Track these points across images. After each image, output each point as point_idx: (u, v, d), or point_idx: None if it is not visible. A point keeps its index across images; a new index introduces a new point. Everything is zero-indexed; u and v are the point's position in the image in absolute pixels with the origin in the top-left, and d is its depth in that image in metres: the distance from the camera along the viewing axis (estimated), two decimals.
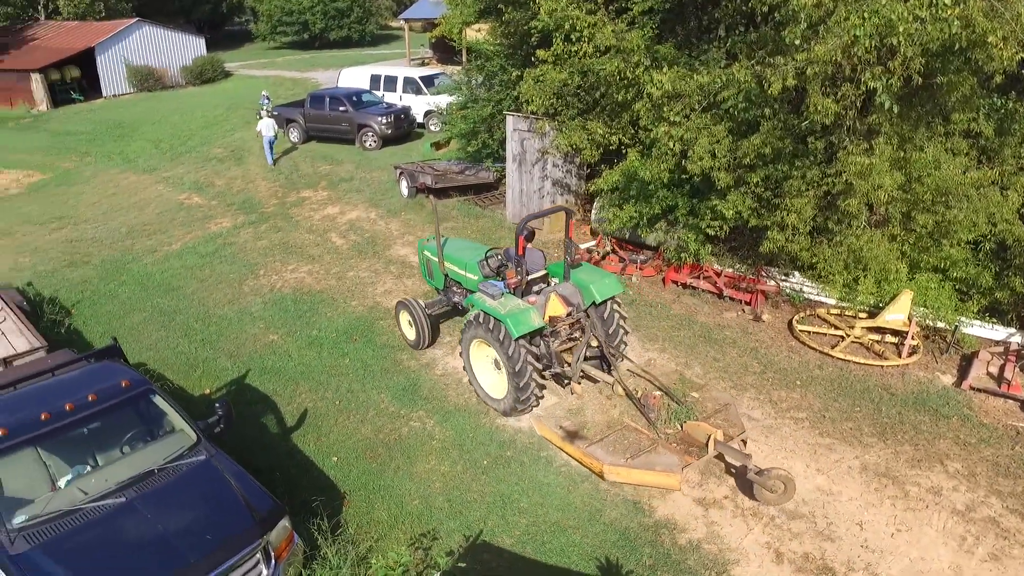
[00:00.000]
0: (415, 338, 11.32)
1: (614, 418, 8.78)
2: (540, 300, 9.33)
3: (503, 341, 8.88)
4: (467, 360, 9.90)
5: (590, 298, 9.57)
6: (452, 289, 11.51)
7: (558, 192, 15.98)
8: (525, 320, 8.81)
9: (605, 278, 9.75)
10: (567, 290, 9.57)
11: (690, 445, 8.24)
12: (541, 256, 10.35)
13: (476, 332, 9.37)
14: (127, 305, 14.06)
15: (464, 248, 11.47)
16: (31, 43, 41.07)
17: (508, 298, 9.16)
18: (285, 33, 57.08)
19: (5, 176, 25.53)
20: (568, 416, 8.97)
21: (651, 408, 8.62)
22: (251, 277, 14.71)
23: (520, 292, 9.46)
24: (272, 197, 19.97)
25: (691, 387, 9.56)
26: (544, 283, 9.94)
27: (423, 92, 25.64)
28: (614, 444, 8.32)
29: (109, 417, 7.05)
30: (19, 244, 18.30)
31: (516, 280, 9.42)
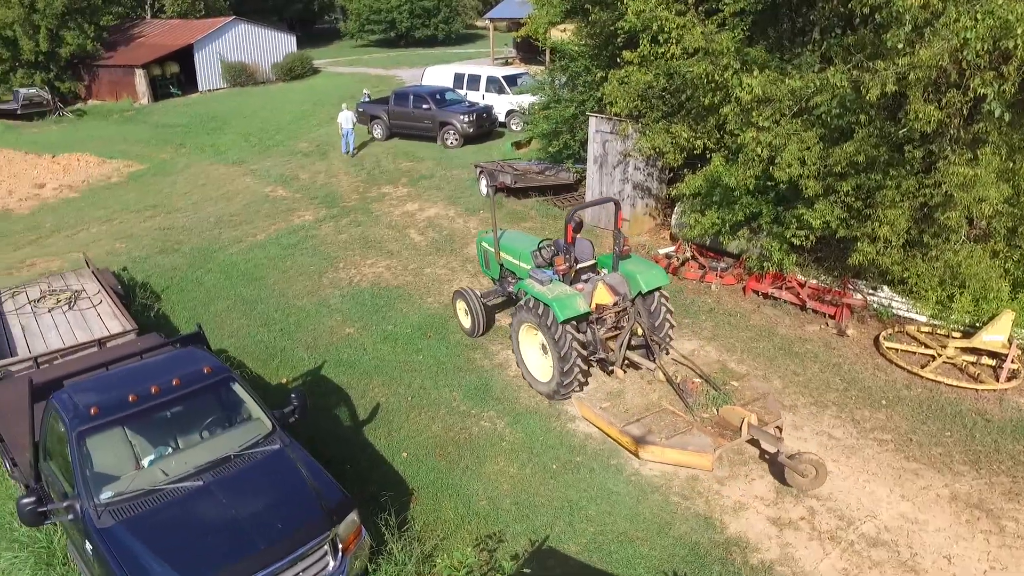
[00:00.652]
0: (470, 326, 11.69)
1: (653, 401, 8.96)
2: (587, 288, 9.63)
3: (550, 325, 9.23)
4: (516, 344, 10.29)
5: (637, 288, 9.82)
6: (507, 279, 11.85)
7: (638, 195, 15.73)
8: (571, 305, 9.13)
9: (652, 269, 10.05)
10: (614, 280, 9.83)
11: (724, 428, 8.37)
12: (590, 246, 10.63)
13: (525, 316, 9.78)
14: (212, 293, 14.54)
15: (519, 240, 11.81)
16: (137, 40, 43.16)
17: (556, 284, 9.52)
18: (372, 31, 58.32)
19: (108, 166, 26.87)
20: (608, 398, 9.13)
21: (689, 393, 8.82)
22: (330, 270, 15.01)
23: (569, 280, 9.79)
24: (353, 192, 20.35)
25: (732, 376, 9.57)
26: (593, 272, 10.21)
27: (506, 91, 25.72)
28: (650, 425, 8.50)
29: (191, 401, 7.26)
30: (117, 230, 19.19)
31: (565, 267, 9.75)
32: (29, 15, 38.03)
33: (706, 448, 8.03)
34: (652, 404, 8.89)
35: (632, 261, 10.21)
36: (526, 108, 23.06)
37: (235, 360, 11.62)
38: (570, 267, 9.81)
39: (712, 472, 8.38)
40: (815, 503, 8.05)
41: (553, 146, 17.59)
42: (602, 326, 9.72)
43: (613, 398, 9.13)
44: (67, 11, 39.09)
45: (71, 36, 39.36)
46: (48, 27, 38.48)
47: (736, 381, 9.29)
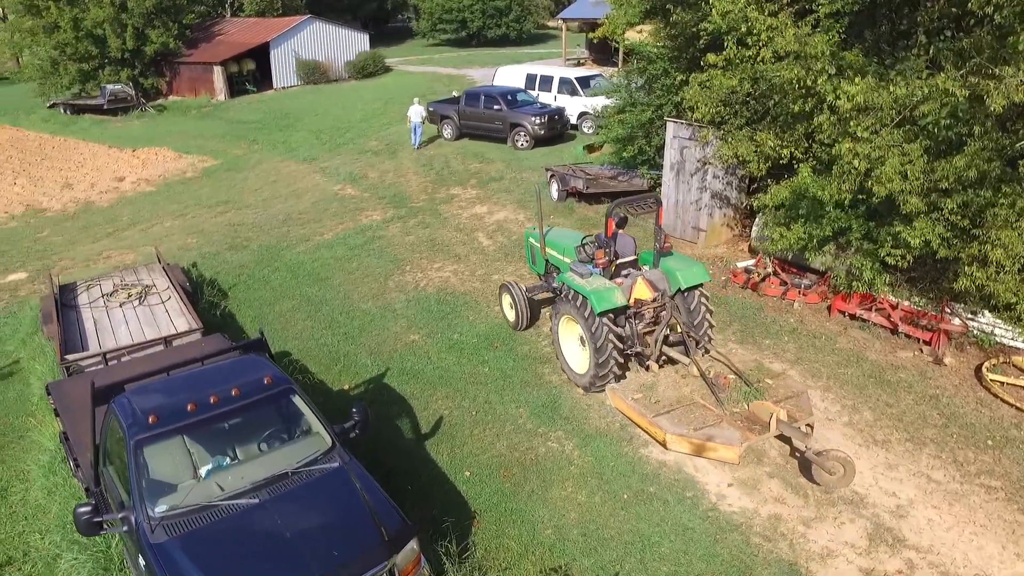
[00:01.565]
0: (514, 319, 11.88)
1: (684, 394, 8.90)
2: (627, 282, 9.78)
3: (587, 317, 9.41)
4: (556, 335, 10.47)
5: (676, 284, 9.84)
6: (552, 274, 11.94)
7: (716, 205, 15.01)
8: (608, 298, 9.27)
9: (693, 267, 10.04)
10: (654, 276, 9.93)
11: (754, 423, 8.32)
12: (632, 242, 10.77)
13: (565, 308, 9.98)
14: (278, 292, 14.46)
15: (565, 236, 11.97)
16: (217, 38, 44.19)
17: (596, 277, 9.67)
18: (444, 30, 58.51)
19: (184, 160, 27.40)
20: (641, 390, 9.05)
21: (721, 388, 8.77)
22: (396, 273, 14.76)
23: (609, 274, 9.96)
24: (422, 192, 20.14)
25: (767, 374, 9.30)
26: (634, 268, 10.37)
27: (578, 93, 25.18)
28: (680, 417, 8.48)
29: (249, 413, 7.00)
30: (189, 225, 19.41)
31: (604, 261, 9.90)
32: (118, 14, 39.30)
33: (733, 441, 8.00)
34: (684, 397, 8.85)
35: (673, 258, 10.28)
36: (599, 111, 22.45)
37: (298, 364, 11.43)
38: (610, 261, 9.98)
39: (738, 465, 8.39)
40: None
41: (628, 151, 16.98)
42: (640, 321, 9.79)
43: (645, 390, 9.05)
44: (154, 10, 40.27)
45: (156, 34, 40.52)
46: (135, 26, 39.71)
47: (771, 379, 9.14)
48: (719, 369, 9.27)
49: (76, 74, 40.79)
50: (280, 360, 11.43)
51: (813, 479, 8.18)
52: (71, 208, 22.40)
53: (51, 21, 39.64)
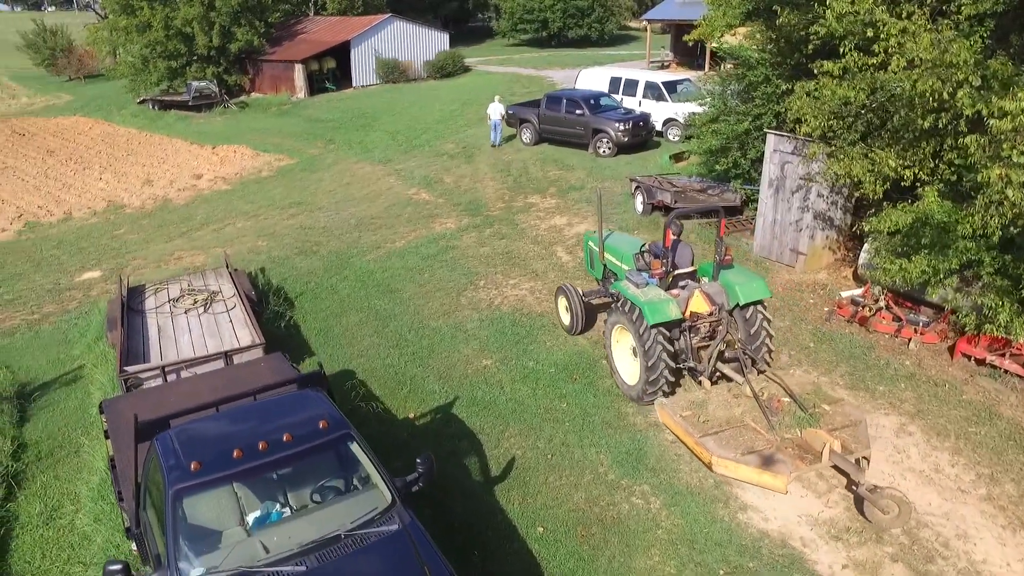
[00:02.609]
0: (570, 322, 11.69)
1: (735, 416, 8.58)
2: (683, 295, 9.50)
3: (639, 328, 9.13)
4: (608, 344, 10.22)
5: (735, 299, 9.48)
6: (610, 280, 11.70)
7: (819, 226, 13.63)
8: (662, 309, 9.00)
9: (753, 281, 9.65)
10: (712, 289, 9.60)
11: (806, 452, 7.96)
12: (690, 252, 10.50)
13: (618, 318, 9.72)
14: (345, 303, 13.82)
15: (624, 242, 11.68)
16: (299, 36, 44.51)
17: (651, 288, 9.39)
18: (525, 30, 57.73)
19: (260, 159, 27.34)
20: (690, 407, 8.80)
21: (774, 412, 8.45)
22: (470, 288, 13.92)
23: (665, 285, 9.67)
24: (499, 200, 19.30)
25: (824, 399, 8.87)
26: (692, 280, 10.09)
27: (665, 98, 23.91)
28: (728, 439, 8.19)
29: (302, 462, 6.22)
30: (260, 227, 19.08)
31: (661, 272, 9.65)
32: (207, 13, 39.96)
33: (782, 469, 7.67)
34: (734, 418, 8.54)
35: (733, 271, 9.90)
36: (687, 118, 21.20)
37: (361, 387, 10.70)
38: (667, 272, 9.72)
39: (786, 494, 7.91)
40: None
41: (721, 164, 15.70)
42: (695, 335, 9.50)
43: (695, 407, 8.79)
44: (240, 8, 40.80)
45: (241, 32, 41.05)
46: (222, 24, 40.29)
47: (828, 405, 8.72)
48: (773, 391, 8.90)
49: (164, 71, 41.69)
50: (343, 382, 10.74)
51: (865, 516, 7.68)
52: (149, 205, 22.46)
53: (144, 20, 40.64)
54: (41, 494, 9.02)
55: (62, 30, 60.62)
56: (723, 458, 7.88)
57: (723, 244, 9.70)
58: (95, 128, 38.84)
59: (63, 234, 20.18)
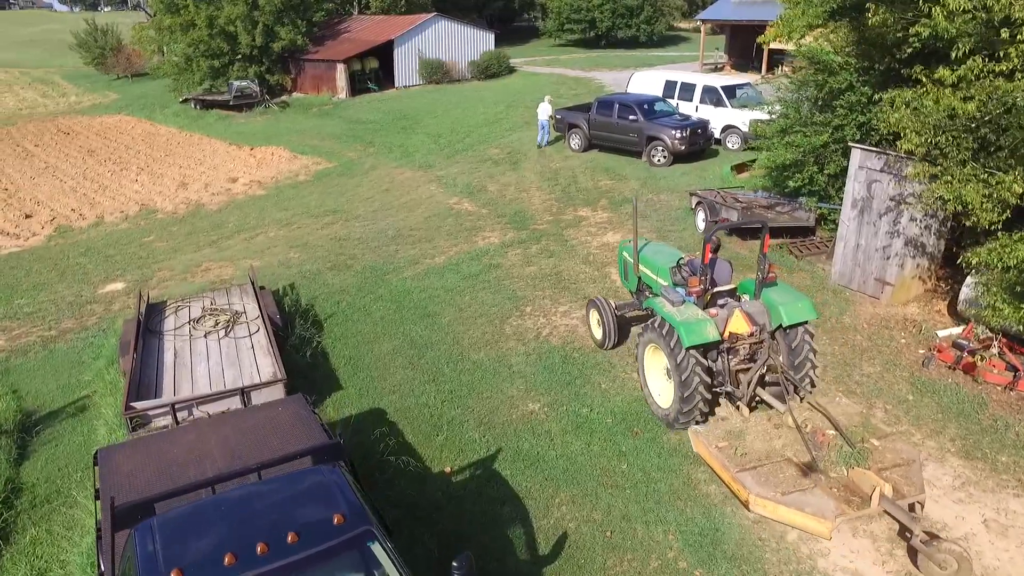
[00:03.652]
0: (602, 337, 11.14)
1: (775, 448, 8.00)
2: (722, 314, 8.89)
3: (674, 348, 8.59)
4: (641, 364, 9.65)
5: (778, 320, 8.84)
6: (644, 293, 11.16)
7: (910, 254, 12.03)
8: (699, 331, 8.41)
9: (798, 301, 8.90)
10: (754, 308, 8.99)
11: (853, 494, 7.35)
12: (729, 268, 9.89)
13: (651, 336, 9.17)
14: (379, 327, 12.63)
15: (661, 253, 11.04)
16: (342, 35, 43.72)
17: (688, 306, 8.80)
18: (572, 30, 56.25)
19: (298, 162, 26.42)
20: (727, 437, 8.24)
21: (818, 446, 7.90)
22: (515, 314, 12.61)
23: (703, 303, 9.04)
24: (546, 212, 17.96)
25: (873, 433, 8.12)
26: (732, 298, 9.42)
27: (724, 104, 22.30)
28: (768, 475, 7.61)
29: (309, 570, 4.96)
30: (293, 237, 18.03)
31: (699, 289, 9.02)
32: (251, 12, 39.39)
33: (827, 513, 7.08)
34: (774, 452, 7.96)
35: (776, 290, 9.13)
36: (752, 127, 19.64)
37: (391, 435, 9.44)
38: (705, 289, 9.06)
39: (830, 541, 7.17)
40: None
41: (794, 180, 14.10)
42: (734, 357, 8.83)
43: (732, 438, 8.21)
44: (283, 7, 40.16)
45: (284, 31, 40.38)
46: (265, 22, 39.67)
47: (877, 440, 8.03)
48: (817, 422, 8.29)
49: (207, 70, 41.23)
50: (372, 427, 9.52)
51: (920, 570, 6.97)
52: (181, 210, 21.62)
53: (188, 19, 40.25)
54: (29, 552, 7.97)
55: (112, 29, 60.95)
56: (762, 497, 7.29)
57: (766, 261, 9.00)
58: (137, 127, 38.53)
59: (92, 240, 19.40)
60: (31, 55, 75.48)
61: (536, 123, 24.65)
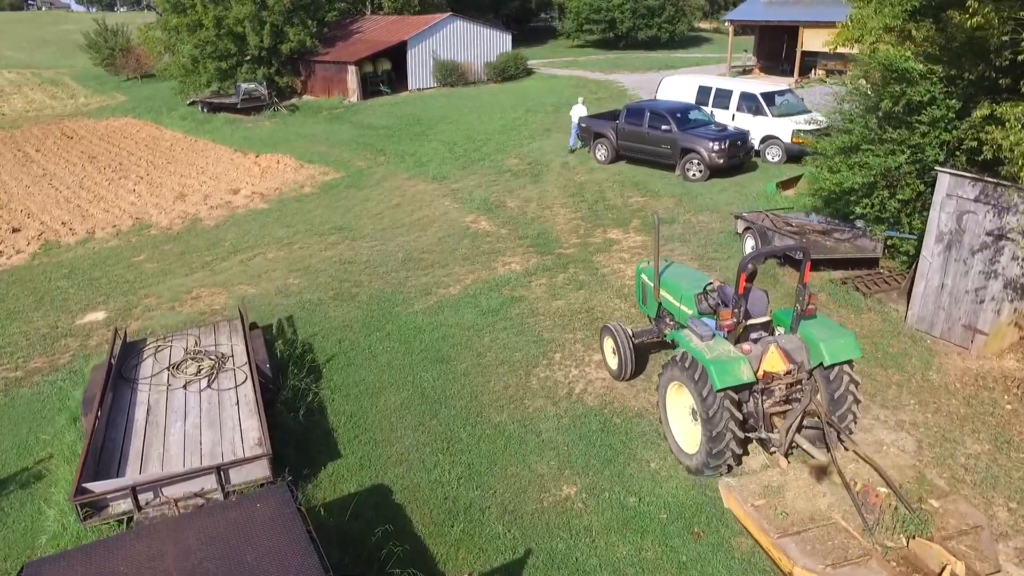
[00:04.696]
0: (617, 367, 10.10)
1: (820, 509, 7.11)
2: (756, 350, 7.96)
3: (702, 390, 7.69)
4: (662, 403, 8.78)
5: (818, 358, 7.95)
6: (664, 319, 10.26)
7: (1008, 297, 10.22)
8: (732, 371, 7.54)
9: (840, 337, 8.03)
10: (791, 344, 8.13)
11: (915, 570, 6.39)
12: (764, 298, 8.78)
13: (675, 374, 8.29)
14: (385, 374, 10.98)
15: (684, 276, 10.03)
16: (354, 36, 42.15)
17: (718, 342, 7.95)
18: (591, 31, 54.54)
19: (304, 172, 24.84)
20: (765, 493, 7.33)
21: (870, 508, 6.95)
22: (542, 362, 10.92)
23: (735, 338, 8.11)
24: (572, 233, 16.25)
25: (931, 492, 7.17)
26: (765, 331, 8.44)
27: (763, 112, 20.48)
28: (814, 542, 6.71)
29: None
30: (294, 259, 16.42)
31: (731, 323, 8.02)
32: (259, 11, 37.91)
33: None
34: (819, 513, 7.05)
35: (816, 323, 8.24)
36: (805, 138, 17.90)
37: (397, 519, 7.78)
38: (738, 323, 8.06)
39: None
40: None
41: (862, 207, 12.30)
42: (768, 398, 7.98)
43: (770, 494, 7.31)
44: (293, 7, 38.68)
45: (293, 32, 38.85)
46: (274, 23, 38.18)
47: (936, 500, 7.09)
48: (866, 476, 7.30)
49: (214, 72, 39.78)
50: (374, 519, 7.84)
51: None
52: (177, 226, 20.07)
53: (195, 19, 38.85)
54: None
55: (122, 30, 59.87)
56: (809, 570, 6.38)
57: (806, 291, 7.99)
58: (142, 131, 37.21)
59: (78, 260, 17.87)
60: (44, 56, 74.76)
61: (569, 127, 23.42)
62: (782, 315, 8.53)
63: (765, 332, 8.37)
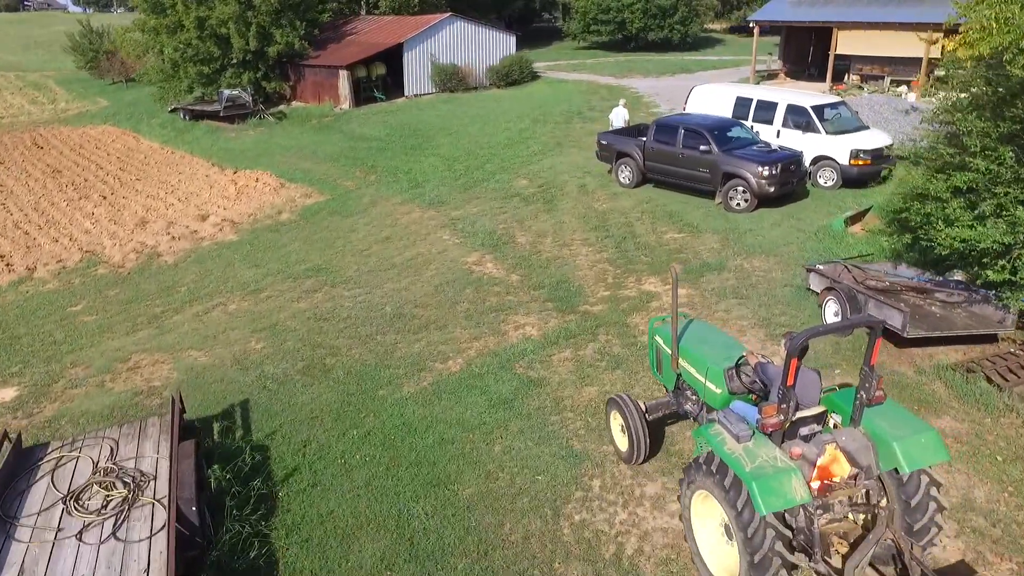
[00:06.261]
0: (627, 449, 8.25)
1: None
2: (810, 453, 6.00)
3: (742, 512, 5.81)
4: (687, 514, 6.72)
5: (890, 463, 5.99)
6: (684, 392, 8.28)
7: None
8: (781, 489, 5.62)
9: (921, 434, 6.01)
10: (855, 442, 6.14)
11: None
12: (817, 381, 6.56)
13: (703, 482, 6.30)
14: (362, 502, 8.06)
15: (711, 343, 7.99)
16: (347, 38, 39.23)
17: (760, 443, 6.00)
18: (598, 32, 51.51)
19: (284, 193, 21.95)
20: None
21: None
22: (576, 495, 7.96)
23: (780, 436, 6.08)
24: (598, 281, 13.33)
25: None
26: (818, 424, 6.34)
27: (816, 129, 17.53)
28: None
29: None
30: (260, 312, 13.50)
31: (776, 422, 5.95)
32: (244, 12, 34.97)
33: None
34: None
35: (885, 413, 6.23)
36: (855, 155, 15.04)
37: None
38: (786, 420, 6.00)
39: None
40: None
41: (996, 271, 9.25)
42: (826, 512, 5.96)
43: None
44: (281, 7, 35.76)
45: (280, 34, 35.90)
46: (260, 24, 35.24)
47: None
48: None
49: (196, 77, 36.88)
50: None
51: None
52: (130, 262, 17.18)
53: (175, 20, 35.95)
54: None
55: (107, 31, 57.01)
56: None
57: (874, 375, 6.08)
58: (118, 141, 34.48)
59: (4, 309, 15.00)
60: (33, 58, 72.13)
61: None
62: (838, 400, 6.60)
63: (818, 425, 6.40)
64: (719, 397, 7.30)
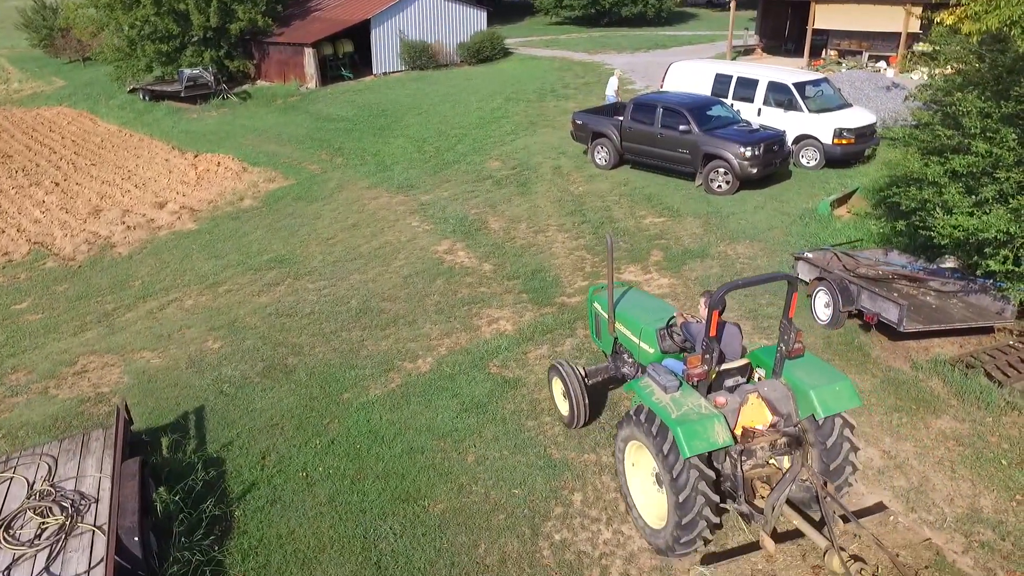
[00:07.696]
0: (568, 414, 8.40)
1: None
2: (732, 402, 6.37)
3: (668, 456, 6.15)
4: (620, 466, 7.11)
5: (808, 409, 6.40)
6: (621, 355, 8.57)
7: None
8: (704, 433, 6.00)
9: (835, 382, 6.44)
10: (775, 392, 6.50)
11: None
12: (738, 334, 7.07)
13: (634, 432, 6.65)
14: (325, 521, 7.43)
15: (644, 307, 8.31)
16: (313, 14, 37.83)
17: (686, 392, 6.37)
18: (571, 7, 50.40)
19: (247, 177, 20.99)
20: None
21: None
22: (555, 510, 7.37)
23: (706, 386, 6.44)
24: (576, 271, 12.71)
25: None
26: (742, 376, 6.76)
27: (798, 107, 16.95)
28: None
29: None
30: (219, 308, 12.73)
31: (701, 371, 6.36)
32: None
33: None
34: None
35: (804, 366, 6.61)
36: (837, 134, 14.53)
37: None
38: (709, 370, 6.34)
39: None
40: None
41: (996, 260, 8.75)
42: (749, 458, 6.40)
43: None
44: None
45: (243, 10, 34.49)
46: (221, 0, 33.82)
47: None
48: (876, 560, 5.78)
49: (154, 56, 35.36)
50: None
51: None
52: (81, 255, 16.23)
53: None
54: None
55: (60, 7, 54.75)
56: None
57: (793, 327, 6.40)
58: (74, 123, 33.04)
59: None
60: None
61: None
62: (761, 355, 6.96)
63: (742, 377, 6.78)
64: (652, 357, 7.52)
